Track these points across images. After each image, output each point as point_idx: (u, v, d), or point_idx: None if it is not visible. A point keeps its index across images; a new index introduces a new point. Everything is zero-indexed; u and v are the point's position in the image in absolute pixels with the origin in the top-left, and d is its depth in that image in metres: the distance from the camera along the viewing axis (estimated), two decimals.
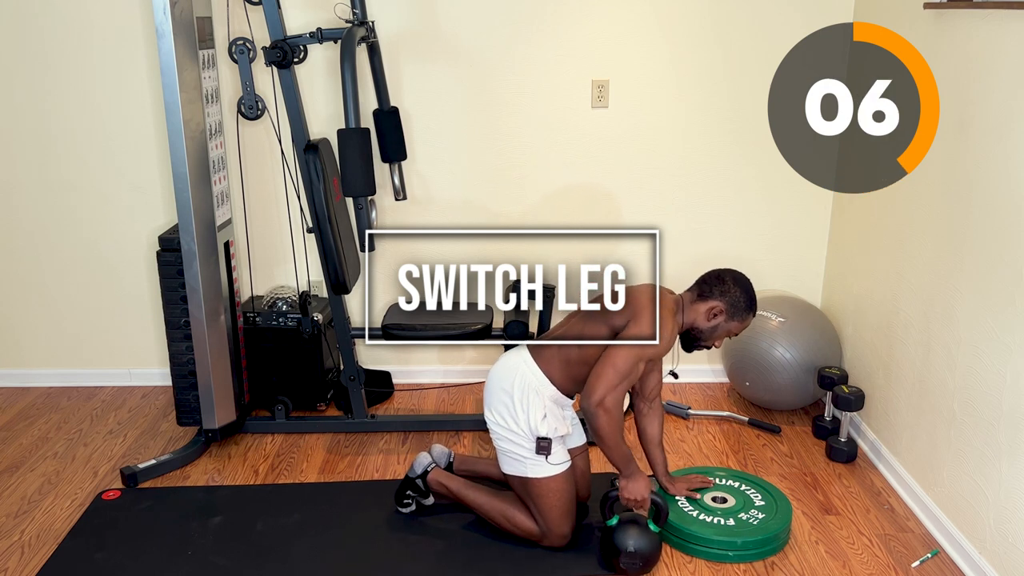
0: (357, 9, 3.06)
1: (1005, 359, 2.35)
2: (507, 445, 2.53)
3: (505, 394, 2.53)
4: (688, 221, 3.64)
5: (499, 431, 2.54)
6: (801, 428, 3.40)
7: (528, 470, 2.51)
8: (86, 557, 2.61)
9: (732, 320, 2.53)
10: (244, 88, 3.13)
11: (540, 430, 2.47)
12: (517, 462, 2.53)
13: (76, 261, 3.64)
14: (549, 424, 2.49)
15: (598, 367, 2.42)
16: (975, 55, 2.51)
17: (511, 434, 2.51)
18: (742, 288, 2.54)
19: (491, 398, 2.57)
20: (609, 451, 2.48)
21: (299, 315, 3.34)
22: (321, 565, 2.57)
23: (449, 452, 2.87)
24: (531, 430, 2.48)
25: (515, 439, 2.51)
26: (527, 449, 2.49)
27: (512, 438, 2.51)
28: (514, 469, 2.55)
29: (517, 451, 2.51)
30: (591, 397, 2.41)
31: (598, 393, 2.39)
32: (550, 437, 2.48)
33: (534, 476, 2.51)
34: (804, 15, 3.33)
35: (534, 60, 3.44)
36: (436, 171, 3.55)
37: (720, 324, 2.53)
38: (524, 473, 2.52)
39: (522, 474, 2.52)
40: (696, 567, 2.56)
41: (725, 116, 3.51)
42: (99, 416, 3.53)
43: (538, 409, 2.48)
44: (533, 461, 2.50)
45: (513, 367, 2.56)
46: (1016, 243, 2.31)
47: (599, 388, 2.40)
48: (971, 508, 2.52)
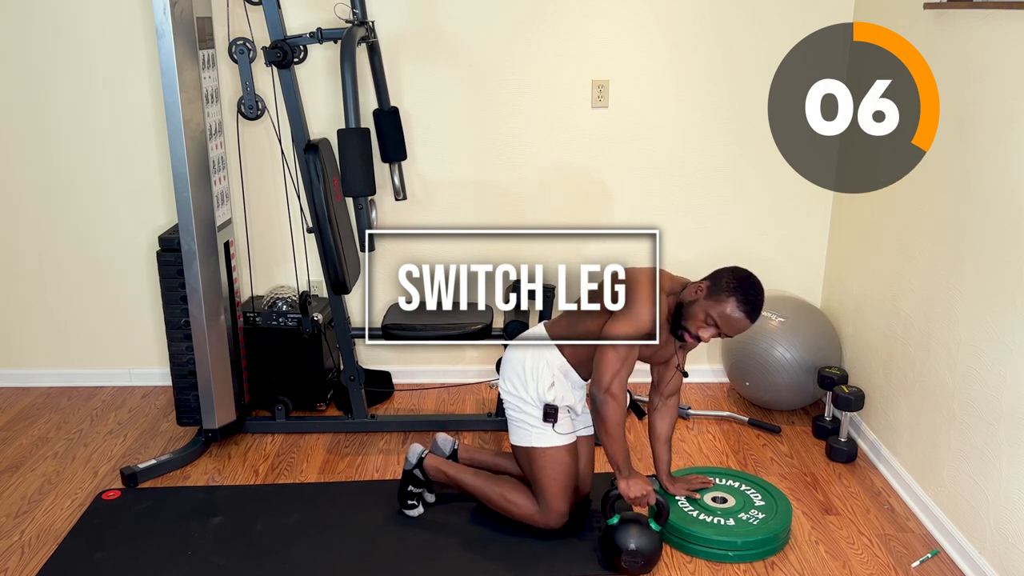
0: (357, 9, 3.06)
1: (1005, 359, 2.35)
2: (516, 414, 2.62)
3: (518, 363, 2.63)
4: (688, 221, 3.64)
5: (510, 400, 2.64)
6: (801, 428, 3.40)
7: (533, 439, 2.58)
8: (86, 557, 2.61)
9: (711, 298, 2.43)
10: (244, 88, 3.13)
11: (547, 397, 2.56)
12: (524, 431, 2.60)
13: (76, 261, 3.64)
14: (556, 392, 2.57)
15: (599, 352, 2.48)
16: (975, 55, 2.51)
17: (520, 402, 2.60)
18: (733, 274, 2.47)
19: (506, 367, 2.68)
20: (612, 442, 2.49)
21: (299, 315, 3.34)
22: (321, 565, 2.57)
23: (453, 440, 2.90)
24: (539, 397, 2.57)
25: (524, 407, 2.59)
26: (535, 417, 2.57)
27: (521, 406, 2.60)
28: (520, 439, 2.62)
29: (525, 419, 2.59)
30: (598, 383, 2.46)
31: (605, 379, 2.44)
32: (556, 405, 2.56)
33: (539, 445, 2.57)
34: (804, 15, 3.33)
35: (534, 60, 3.44)
36: (436, 171, 3.55)
37: (700, 300, 2.45)
38: (529, 442, 2.59)
39: (527, 443, 2.59)
40: (696, 567, 2.56)
41: (725, 116, 3.51)
42: (99, 416, 3.53)
43: (546, 377, 2.57)
44: (539, 430, 2.57)
45: (528, 337, 2.72)
46: (1016, 243, 2.31)
47: (605, 374, 2.45)
48: (971, 508, 2.52)
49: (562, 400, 2.59)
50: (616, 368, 2.44)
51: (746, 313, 2.42)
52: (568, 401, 2.62)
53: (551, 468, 2.57)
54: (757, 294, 2.46)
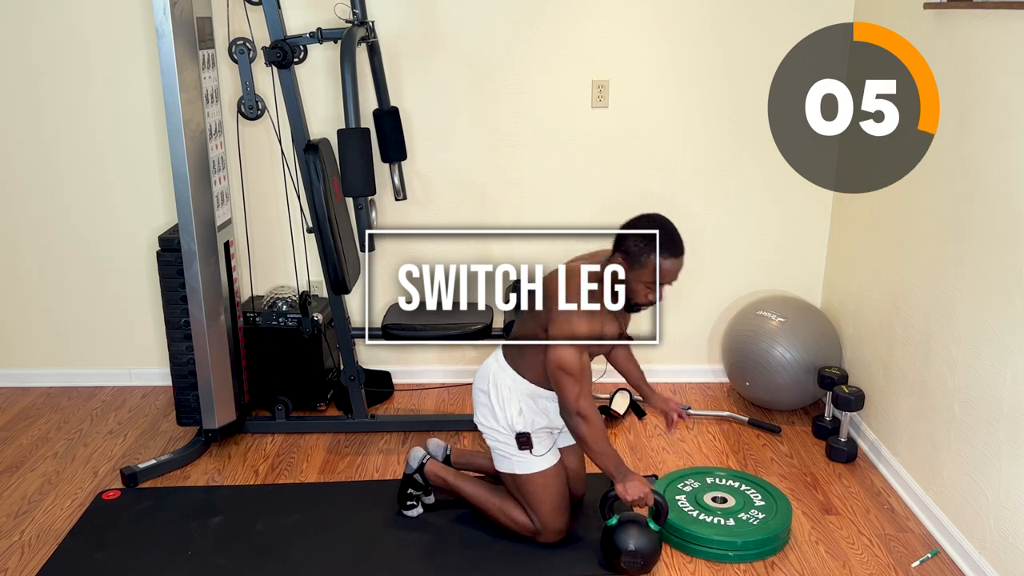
0: (357, 9, 3.06)
1: (1005, 359, 2.35)
2: (494, 444, 2.60)
3: (483, 394, 2.60)
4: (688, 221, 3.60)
5: (485, 431, 2.61)
6: (801, 428, 3.40)
7: (515, 467, 2.55)
8: (86, 557, 2.61)
9: (635, 268, 2.34)
10: (244, 88, 3.13)
11: (517, 425, 2.53)
12: (505, 459, 2.58)
13: (76, 261, 3.64)
14: (526, 418, 2.53)
15: (554, 379, 2.41)
16: (975, 55, 2.51)
17: (495, 432, 2.57)
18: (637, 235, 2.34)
19: (474, 399, 2.65)
20: (597, 457, 2.49)
21: (299, 315, 3.34)
22: (321, 565, 2.57)
23: (446, 446, 2.89)
24: (510, 426, 2.53)
25: (499, 436, 2.57)
26: (511, 446, 2.54)
27: (497, 436, 2.57)
28: (503, 466, 2.60)
29: (503, 448, 2.57)
30: (566, 409, 2.43)
31: (570, 402, 2.40)
32: (528, 431, 2.53)
33: (521, 472, 2.55)
34: (804, 15, 3.33)
35: (534, 60, 3.44)
36: (436, 171, 3.55)
37: (627, 276, 2.35)
38: (512, 470, 2.57)
39: (510, 471, 2.57)
40: (696, 567, 2.56)
41: (725, 116, 3.51)
42: (99, 416, 3.53)
43: (512, 404, 2.53)
44: (519, 457, 2.54)
45: (487, 367, 2.62)
46: (1016, 243, 2.31)
47: (568, 397, 2.40)
48: (971, 508, 2.52)
49: (533, 425, 2.54)
50: (576, 389, 2.39)
51: (673, 255, 2.34)
52: (541, 423, 2.56)
53: (538, 492, 2.55)
54: (670, 233, 2.35)
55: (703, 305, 3.72)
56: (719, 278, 3.68)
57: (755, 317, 3.43)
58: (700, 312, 3.73)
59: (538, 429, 2.55)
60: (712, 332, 3.76)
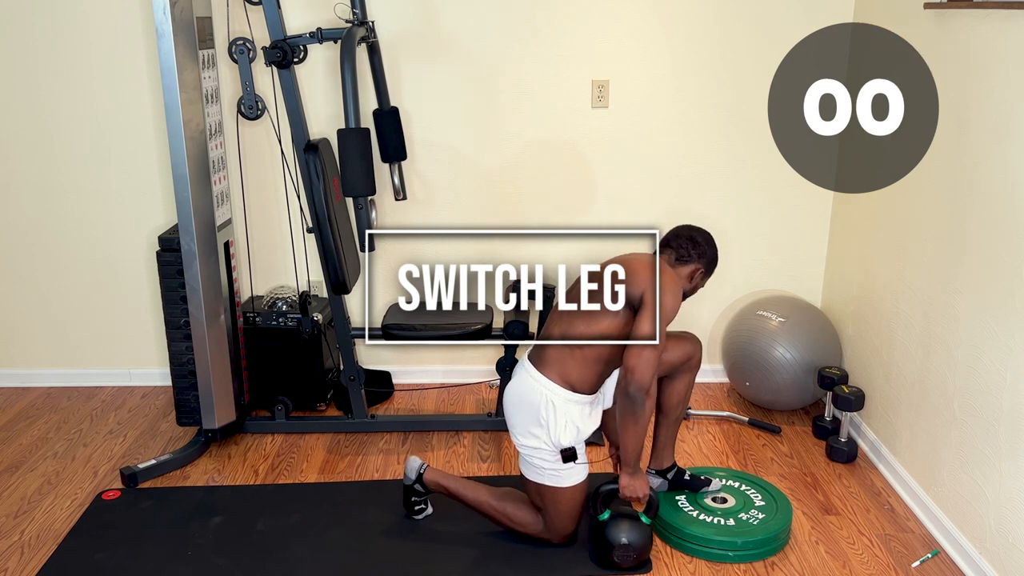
0: (357, 9, 3.06)
1: (1005, 359, 2.35)
2: (529, 457, 2.52)
3: (523, 415, 2.50)
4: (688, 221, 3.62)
5: (523, 450, 2.53)
6: (801, 428, 3.40)
7: (546, 479, 2.50)
8: (86, 557, 2.61)
9: (706, 278, 2.64)
10: (244, 88, 3.13)
11: (563, 441, 2.45)
12: (537, 471, 2.52)
13: (76, 261, 3.64)
14: (571, 432, 2.46)
15: (636, 355, 2.36)
16: (975, 55, 2.50)
17: (536, 452, 2.49)
18: (710, 244, 2.63)
19: (512, 421, 2.54)
20: (637, 436, 2.42)
21: (299, 315, 3.34)
22: (321, 565, 2.57)
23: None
24: (555, 443, 2.46)
25: (540, 454, 2.49)
26: (550, 461, 2.48)
27: (536, 454, 2.50)
28: (532, 475, 2.54)
29: (539, 462, 2.50)
30: (640, 385, 2.35)
31: (647, 380, 2.35)
32: (574, 446, 2.47)
33: (552, 484, 2.50)
34: (804, 15, 3.32)
35: (534, 60, 3.44)
36: (436, 171, 3.55)
37: (698, 285, 2.62)
38: (542, 481, 2.51)
39: (539, 481, 2.52)
40: (696, 567, 2.56)
41: (725, 116, 3.51)
42: (99, 416, 3.53)
43: (559, 420, 2.45)
44: (552, 471, 2.48)
45: (525, 385, 2.50)
46: (1016, 243, 2.31)
47: (647, 374, 2.34)
48: (971, 508, 2.52)
49: (578, 436, 2.47)
50: (656, 367, 2.37)
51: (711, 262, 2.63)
52: (585, 433, 2.49)
53: (562, 503, 2.52)
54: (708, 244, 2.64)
55: (703, 305, 3.71)
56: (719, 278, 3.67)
57: (755, 317, 3.43)
58: (700, 312, 3.73)
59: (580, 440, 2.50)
60: (712, 332, 3.76)
